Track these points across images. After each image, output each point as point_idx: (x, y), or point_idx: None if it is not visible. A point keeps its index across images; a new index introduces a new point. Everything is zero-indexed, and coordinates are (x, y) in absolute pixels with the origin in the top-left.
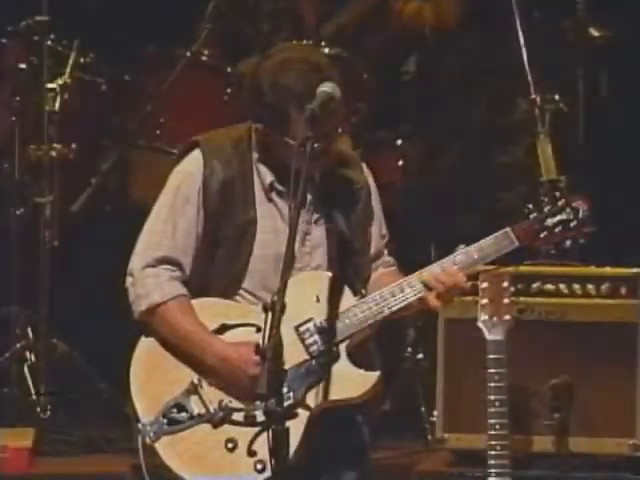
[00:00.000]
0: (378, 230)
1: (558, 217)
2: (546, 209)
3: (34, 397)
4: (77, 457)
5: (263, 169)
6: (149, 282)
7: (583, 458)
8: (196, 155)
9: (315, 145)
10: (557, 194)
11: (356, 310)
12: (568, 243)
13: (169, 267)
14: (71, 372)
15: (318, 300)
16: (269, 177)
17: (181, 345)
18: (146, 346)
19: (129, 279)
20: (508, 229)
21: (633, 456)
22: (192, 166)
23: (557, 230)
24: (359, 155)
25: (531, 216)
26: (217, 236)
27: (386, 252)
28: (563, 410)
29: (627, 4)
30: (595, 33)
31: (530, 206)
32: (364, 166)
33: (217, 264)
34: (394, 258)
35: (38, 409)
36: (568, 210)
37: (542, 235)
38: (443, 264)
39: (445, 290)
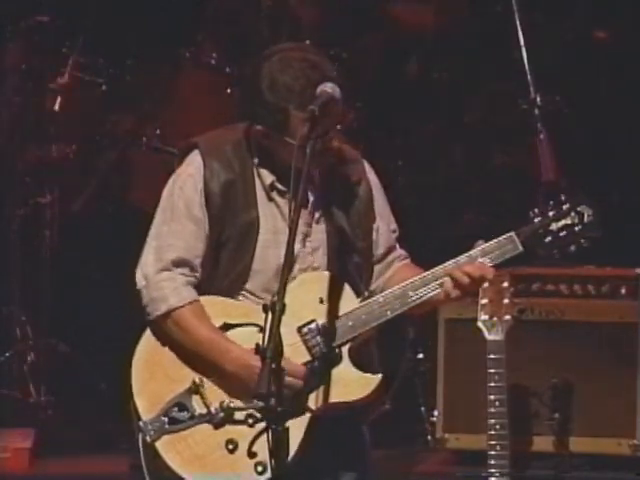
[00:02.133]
0: (386, 226)
1: (563, 222)
2: (550, 213)
3: (34, 397)
4: (77, 457)
5: (264, 172)
6: (165, 285)
7: (583, 458)
8: (196, 157)
9: (316, 144)
10: (562, 198)
11: (359, 312)
12: (573, 248)
13: (184, 270)
14: (71, 372)
15: (322, 301)
16: (270, 178)
17: (198, 350)
18: (148, 344)
19: (142, 282)
20: (512, 233)
21: (633, 456)
22: (192, 168)
23: (562, 235)
24: (360, 153)
25: (535, 220)
26: (220, 237)
27: (397, 246)
28: (563, 410)
29: (627, 4)
30: (598, 39)
31: (535, 210)
32: (365, 163)
33: (221, 265)
34: None
35: (38, 409)
36: (573, 214)
37: (547, 240)
38: (446, 267)
39: (470, 282)
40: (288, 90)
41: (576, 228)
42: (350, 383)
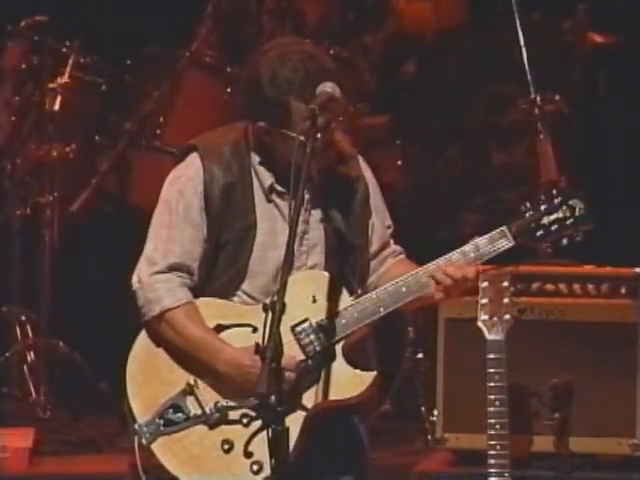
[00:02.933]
0: (381, 222)
1: (554, 215)
2: (542, 207)
3: (34, 397)
4: (77, 457)
5: (262, 171)
6: (160, 287)
7: (583, 458)
8: (195, 160)
9: (317, 140)
10: (554, 192)
11: (352, 310)
12: (564, 241)
13: (180, 274)
14: (71, 372)
15: (314, 300)
16: (269, 179)
17: (191, 351)
18: (142, 346)
19: (137, 284)
20: (504, 228)
21: (633, 456)
22: (192, 171)
23: (553, 228)
24: (356, 150)
25: (527, 214)
26: (219, 240)
27: (392, 242)
28: (563, 410)
29: (627, 5)
30: (598, 39)
31: (527, 204)
32: (361, 159)
33: (218, 266)
34: None
35: (38, 409)
36: (564, 208)
37: (538, 234)
38: (439, 263)
39: (453, 283)
40: (289, 83)
41: (568, 222)
42: (344, 381)
